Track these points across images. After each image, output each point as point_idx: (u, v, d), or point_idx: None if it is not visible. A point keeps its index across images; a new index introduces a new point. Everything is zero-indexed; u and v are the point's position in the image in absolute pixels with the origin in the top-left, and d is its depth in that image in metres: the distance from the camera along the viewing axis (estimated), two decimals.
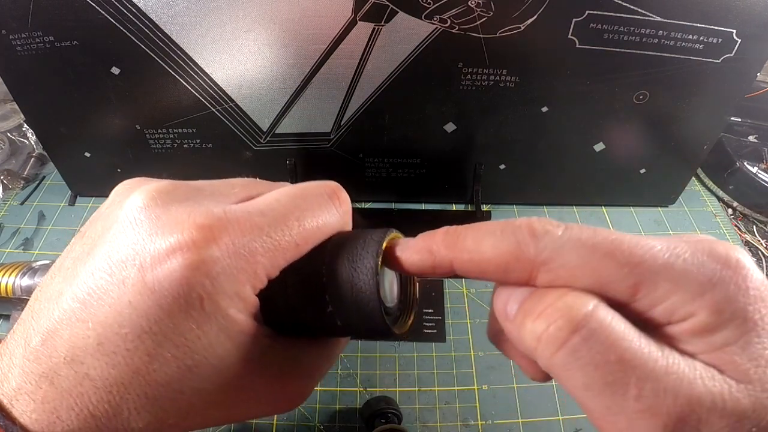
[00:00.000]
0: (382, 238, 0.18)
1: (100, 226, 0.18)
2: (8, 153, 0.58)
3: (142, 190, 0.17)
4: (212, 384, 0.17)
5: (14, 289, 0.38)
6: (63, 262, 0.18)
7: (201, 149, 0.49)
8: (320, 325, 0.19)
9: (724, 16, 0.39)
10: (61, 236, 0.51)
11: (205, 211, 0.17)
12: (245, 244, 0.16)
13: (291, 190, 0.19)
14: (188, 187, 0.18)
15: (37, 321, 0.16)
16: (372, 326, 0.18)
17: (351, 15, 0.40)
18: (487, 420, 0.39)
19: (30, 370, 0.16)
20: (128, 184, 0.19)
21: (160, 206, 0.17)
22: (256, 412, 0.19)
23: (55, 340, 0.16)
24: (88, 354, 0.15)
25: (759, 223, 0.56)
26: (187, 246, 0.16)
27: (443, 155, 0.51)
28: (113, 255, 0.16)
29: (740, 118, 0.60)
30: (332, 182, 0.20)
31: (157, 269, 0.15)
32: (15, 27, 0.40)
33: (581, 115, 0.47)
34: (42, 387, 0.16)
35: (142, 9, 0.39)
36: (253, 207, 0.18)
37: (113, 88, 0.44)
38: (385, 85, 0.44)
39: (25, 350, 0.16)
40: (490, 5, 0.39)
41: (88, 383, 0.15)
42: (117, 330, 0.15)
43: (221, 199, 0.18)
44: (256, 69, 0.43)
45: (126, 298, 0.15)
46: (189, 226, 0.16)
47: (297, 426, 0.39)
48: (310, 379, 0.21)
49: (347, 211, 0.20)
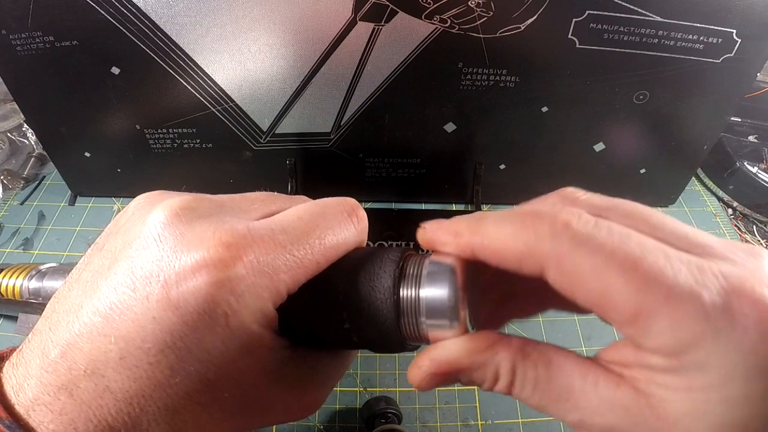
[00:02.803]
0: (398, 257, 0.19)
1: (121, 240, 0.18)
2: (8, 153, 0.58)
3: (165, 205, 0.17)
4: (232, 396, 0.17)
5: (22, 292, 0.38)
6: (81, 275, 0.18)
7: (201, 149, 0.49)
8: (336, 340, 0.20)
9: (724, 16, 0.39)
10: (61, 236, 0.51)
11: (230, 229, 0.17)
12: (269, 262, 0.17)
13: (312, 208, 0.19)
14: (210, 202, 0.18)
15: (55, 333, 0.16)
16: (388, 343, 0.19)
17: (351, 15, 0.40)
18: (487, 420, 0.39)
19: (48, 381, 0.16)
20: (149, 197, 0.19)
21: (184, 223, 0.17)
22: (273, 421, 0.20)
23: (74, 352, 0.16)
24: (110, 367, 0.16)
25: (759, 223, 0.56)
26: (213, 263, 0.16)
27: (443, 155, 0.51)
28: (137, 270, 0.16)
29: (740, 118, 0.60)
30: (351, 199, 0.20)
31: (183, 286, 0.16)
32: (15, 27, 0.40)
33: (581, 115, 0.47)
34: (60, 398, 0.16)
35: (142, 9, 0.39)
36: (276, 224, 0.18)
37: (113, 88, 0.44)
38: (385, 85, 0.44)
39: (43, 362, 0.16)
40: (490, 5, 0.39)
41: (109, 396, 0.16)
42: (140, 344, 0.16)
43: (242, 215, 0.19)
44: (256, 69, 0.43)
45: (150, 313, 0.16)
46: (215, 244, 0.16)
47: (297, 426, 0.39)
48: (325, 387, 0.21)
49: (364, 228, 0.20)
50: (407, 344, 0.19)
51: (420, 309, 0.18)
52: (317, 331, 0.19)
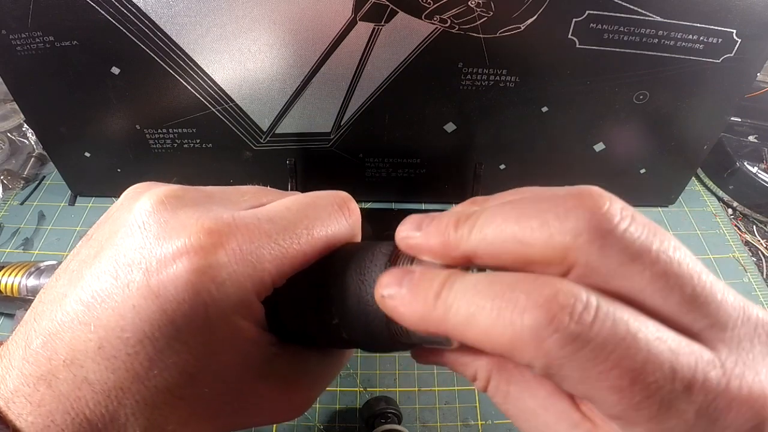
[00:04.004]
0: (390, 250, 0.18)
1: (108, 229, 0.17)
2: (8, 153, 0.58)
3: (152, 193, 0.17)
4: (213, 391, 0.17)
5: (20, 289, 0.38)
6: (68, 265, 0.17)
7: (201, 149, 0.49)
8: (325, 336, 0.19)
9: (724, 16, 0.39)
10: (61, 236, 0.51)
11: (214, 216, 0.16)
12: (253, 251, 0.16)
13: (301, 199, 0.19)
14: (198, 192, 0.18)
15: (39, 323, 0.16)
16: (378, 341, 0.18)
17: (351, 15, 0.40)
18: (487, 420, 0.39)
19: (28, 372, 0.15)
20: (138, 187, 0.19)
21: (169, 210, 0.17)
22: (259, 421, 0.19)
23: (55, 342, 0.16)
24: (89, 357, 0.15)
25: (759, 223, 0.56)
26: (194, 250, 0.15)
27: (443, 155, 0.51)
28: (119, 258, 0.16)
29: (740, 118, 0.60)
30: (342, 192, 0.20)
31: (163, 273, 0.15)
32: (15, 27, 0.40)
33: (581, 115, 0.47)
34: (39, 390, 0.15)
35: (142, 9, 0.39)
36: (262, 214, 0.17)
37: (113, 88, 0.44)
38: (385, 85, 0.44)
39: (25, 352, 0.16)
40: (490, 5, 0.39)
41: (87, 387, 0.15)
42: (119, 334, 0.15)
43: (230, 205, 0.18)
44: (256, 69, 0.43)
45: (130, 302, 0.15)
46: (197, 231, 0.16)
47: (297, 426, 0.39)
48: (314, 388, 0.20)
49: (356, 222, 0.20)
50: (398, 342, 0.18)
51: None
52: (306, 327, 0.19)
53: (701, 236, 0.54)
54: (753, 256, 0.53)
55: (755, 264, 0.52)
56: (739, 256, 0.52)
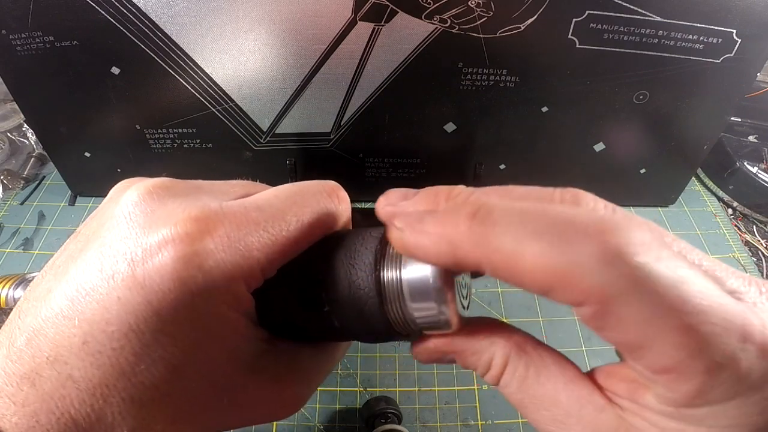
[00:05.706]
0: (381, 234, 0.17)
1: (95, 223, 0.17)
2: (8, 153, 0.58)
3: (139, 185, 0.17)
4: (202, 387, 0.16)
5: (7, 301, 0.38)
6: (55, 261, 0.17)
7: (201, 149, 0.49)
8: (317, 326, 0.18)
9: (724, 16, 0.39)
10: (61, 236, 0.51)
11: (201, 205, 0.16)
12: (241, 238, 0.16)
13: (289, 187, 0.19)
14: (186, 184, 0.18)
15: (23, 320, 0.16)
16: (372, 326, 0.17)
17: (351, 15, 0.40)
18: (487, 420, 0.39)
19: (12, 371, 0.15)
20: (127, 181, 0.19)
21: (156, 200, 0.16)
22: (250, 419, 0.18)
23: (39, 339, 0.15)
24: (73, 354, 0.15)
25: (759, 223, 0.56)
26: (180, 238, 0.15)
27: (443, 155, 0.51)
28: (105, 250, 0.15)
29: (740, 118, 0.60)
30: (331, 181, 0.20)
31: (148, 263, 0.15)
32: (15, 27, 0.40)
33: (581, 115, 0.47)
34: (23, 389, 0.15)
35: (142, 9, 0.39)
36: (250, 202, 0.17)
37: (113, 88, 0.44)
38: (385, 85, 0.44)
39: (9, 351, 0.15)
40: (490, 5, 0.39)
41: (71, 385, 0.15)
42: (104, 328, 0.15)
43: (219, 196, 0.18)
44: (256, 69, 0.43)
45: (115, 293, 0.15)
46: (183, 219, 0.15)
47: (297, 426, 0.39)
48: (308, 385, 0.20)
49: (346, 209, 0.20)
50: (393, 330, 0.17)
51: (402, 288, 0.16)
52: (296, 317, 0.18)
53: (701, 236, 0.54)
54: (753, 256, 0.53)
55: (755, 264, 0.52)
56: (739, 256, 0.52)
